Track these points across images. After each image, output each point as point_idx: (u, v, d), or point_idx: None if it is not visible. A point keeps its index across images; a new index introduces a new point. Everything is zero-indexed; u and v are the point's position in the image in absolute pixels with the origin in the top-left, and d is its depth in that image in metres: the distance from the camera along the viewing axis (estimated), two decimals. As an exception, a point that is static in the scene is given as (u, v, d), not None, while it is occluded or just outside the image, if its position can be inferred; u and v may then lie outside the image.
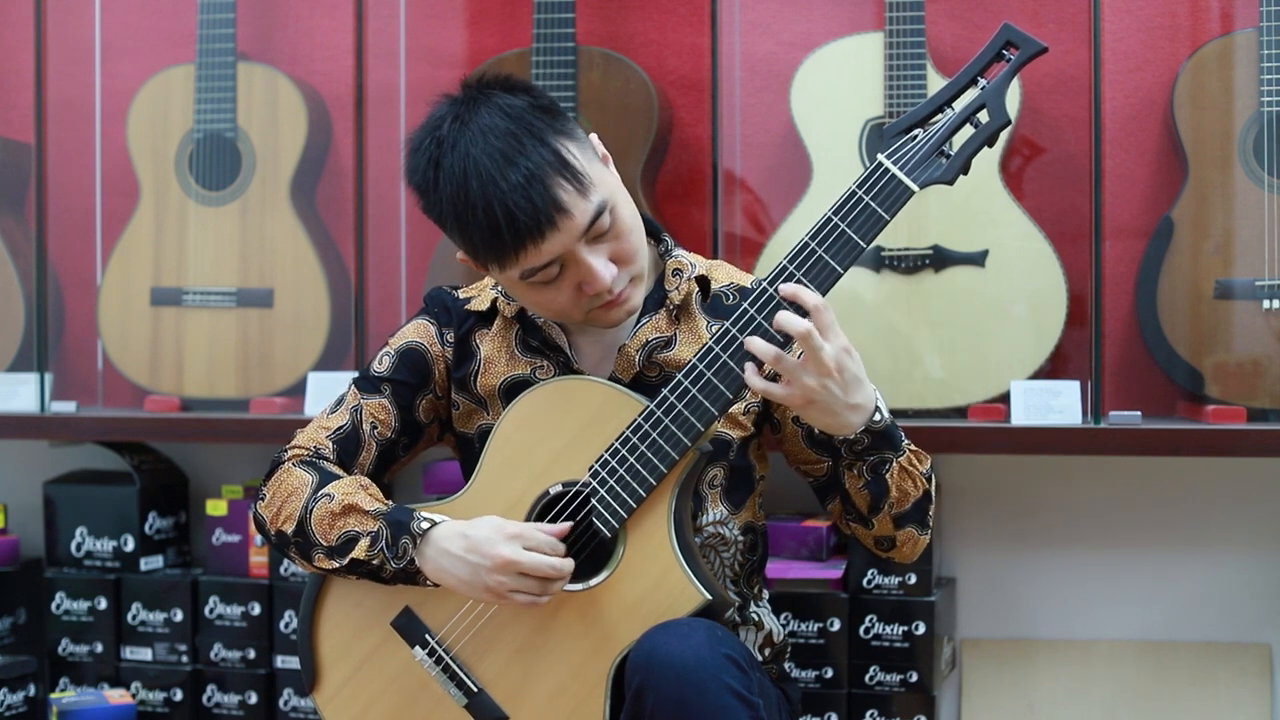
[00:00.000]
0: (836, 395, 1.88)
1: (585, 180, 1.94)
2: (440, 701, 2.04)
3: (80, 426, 2.95)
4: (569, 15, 2.74)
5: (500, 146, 1.91)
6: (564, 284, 1.98)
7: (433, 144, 1.96)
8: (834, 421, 1.92)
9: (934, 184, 1.91)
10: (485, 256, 1.97)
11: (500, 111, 1.94)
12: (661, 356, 2.08)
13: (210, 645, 2.89)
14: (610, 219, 1.96)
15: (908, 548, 2.07)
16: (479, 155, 1.91)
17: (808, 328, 1.83)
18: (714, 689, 1.81)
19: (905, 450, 2.00)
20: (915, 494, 2.02)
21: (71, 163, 3.10)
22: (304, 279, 2.92)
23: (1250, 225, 2.59)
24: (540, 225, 1.91)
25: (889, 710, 2.66)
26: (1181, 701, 2.75)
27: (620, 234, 1.99)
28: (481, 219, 1.92)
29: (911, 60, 2.66)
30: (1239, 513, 2.78)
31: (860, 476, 2.00)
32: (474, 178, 1.91)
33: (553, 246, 1.93)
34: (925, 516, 2.05)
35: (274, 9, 3.08)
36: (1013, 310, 2.66)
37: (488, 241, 1.94)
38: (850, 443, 1.96)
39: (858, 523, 2.07)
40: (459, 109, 1.97)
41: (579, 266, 1.96)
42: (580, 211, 1.93)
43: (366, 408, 2.15)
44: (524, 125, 1.93)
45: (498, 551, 1.92)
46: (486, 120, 1.93)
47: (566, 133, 1.96)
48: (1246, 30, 2.61)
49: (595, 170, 1.97)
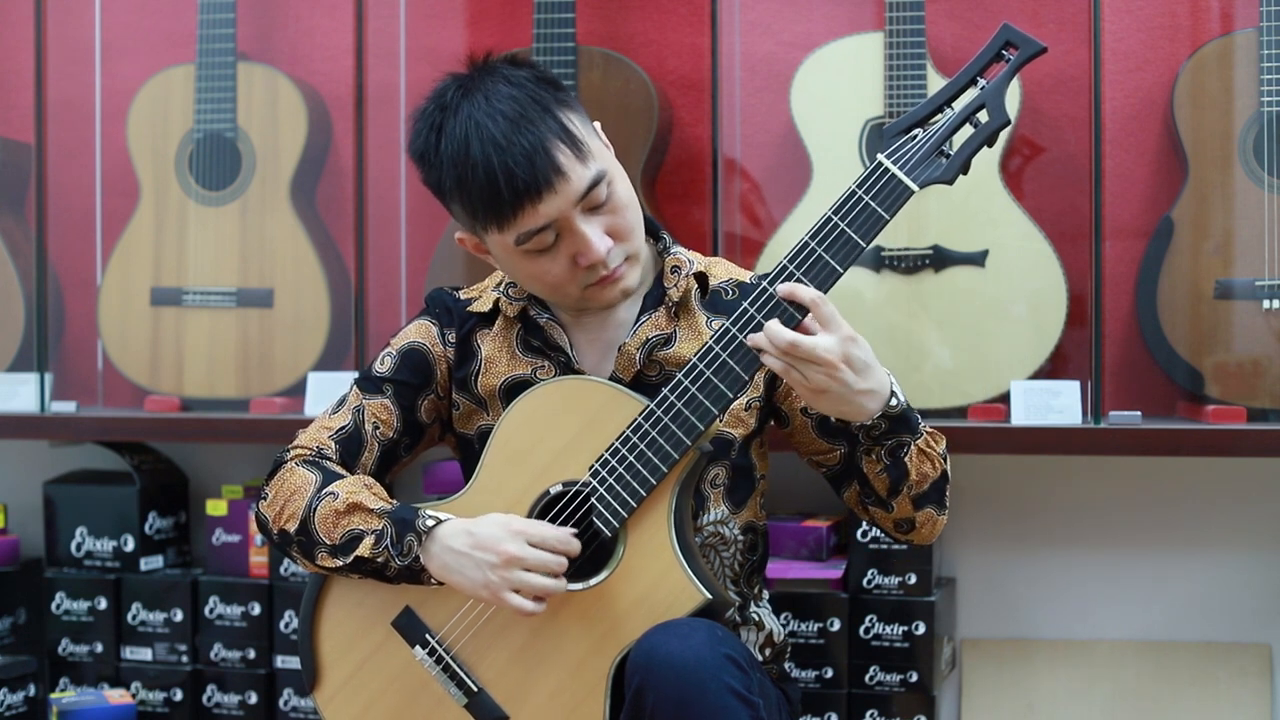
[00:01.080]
0: (848, 384, 1.89)
1: (584, 149, 1.98)
2: (440, 701, 2.04)
3: (80, 426, 2.95)
4: (569, 15, 2.75)
5: (504, 109, 1.96)
6: (559, 254, 2.00)
7: (436, 110, 2.01)
8: (849, 409, 1.92)
9: (934, 184, 1.91)
10: (484, 217, 1.99)
11: (504, 80, 1.99)
12: (662, 354, 2.08)
13: (210, 645, 2.89)
14: (607, 191, 2.00)
15: (927, 529, 2.08)
16: (482, 118, 1.95)
17: (791, 339, 1.85)
18: (714, 689, 1.81)
19: (922, 432, 2.01)
20: (934, 475, 2.03)
21: (71, 163, 3.10)
22: (304, 279, 2.92)
23: (1250, 225, 2.59)
24: (538, 185, 1.94)
25: (889, 710, 2.66)
26: (1181, 701, 2.75)
27: (616, 208, 2.02)
28: (481, 177, 1.95)
29: (911, 60, 2.66)
30: (1239, 513, 2.78)
31: (879, 461, 2.00)
32: (475, 139, 1.95)
33: (549, 209, 1.96)
34: (943, 497, 2.07)
35: (274, 9, 3.08)
36: (1013, 310, 2.66)
37: (486, 201, 1.97)
38: (868, 429, 1.96)
39: (877, 506, 2.07)
40: (464, 80, 2.02)
41: (574, 236, 1.98)
42: (578, 177, 1.96)
43: (369, 408, 2.15)
44: (528, 93, 1.98)
45: (503, 548, 1.92)
46: (491, 87, 1.98)
47: (569, 104, 2.01)
48: (1246, 30, 2.62)
49: (595, 143, 2.02)
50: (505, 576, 1.92)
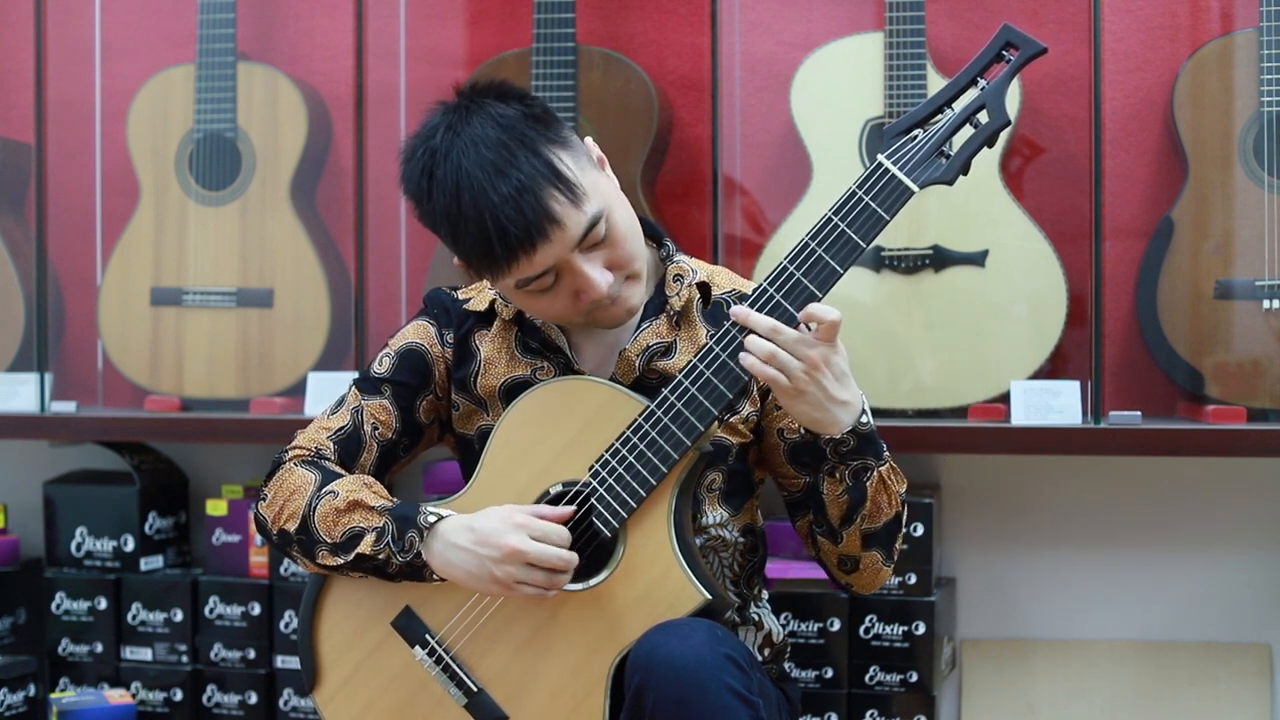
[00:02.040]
0: (827, 389, 1.89)
1: (579, 191, 1.93)
2: (440, 701, 2.04)
3: (80, 426, 2.95)
4: (569, 15, 2.75)
5: (491, 158, 1.91)
6: (560, 292, 1.99)
7: (425, 154, 1.96)
8: (823, 417, 1.92)
9: (934, 184, 1.91)
10: (479, 267, 1.98)
11: (492, 121, 1.94)
12: (661, 364, 2.08)
13: (210, 645, 2.89)
14: (605, 227, 1.97)
15: (869, 575, 2.07)
16: (470, 167, 1.91)
17: (772, 325, 1.87)
18: (714, 689, 1.81)
19: (887, 462, 2.00)
20: (888, 512, 2.01)
21: (71, 163, 3.10)
22: (304, 279, 2.92)
23: (1250, 225, 2.59)
24: (532, 237, 1.91)
25: (889, 710, 2.66)
26: (1181, 701, 2.75)
27: (616, 241, 1.99)
28: (474, 230, 1.92)
29: (911, 60, 2.66)
30: (1239, 513, 2.78)
31: (841, 481, 1.99)
32: (466, 190, 1.91)
33: (545, 257, 1.93)
34: (892, 545, 2.05)
35: (274, 9, 3.08)
36: (1013, 310, 2.66)
37: (480, 253, 1.94)
38: (836, 443, 1.96)
39: (826, 536, 2.05)
40: (451, 118, 1.97)
41: (574, 275, 1.96)
42: (574, 223, 1.93)
43: (367, 409, 2.15)
44: (515, 135, 1.93)
45: (505, 542, 1.92)
46: (478, 130, 1.93)
47: (559, 141, 1.96)
48: (1246, 30, 2.62)
49: (589, 179, 1.97)
50: (509, 571, 1.93)
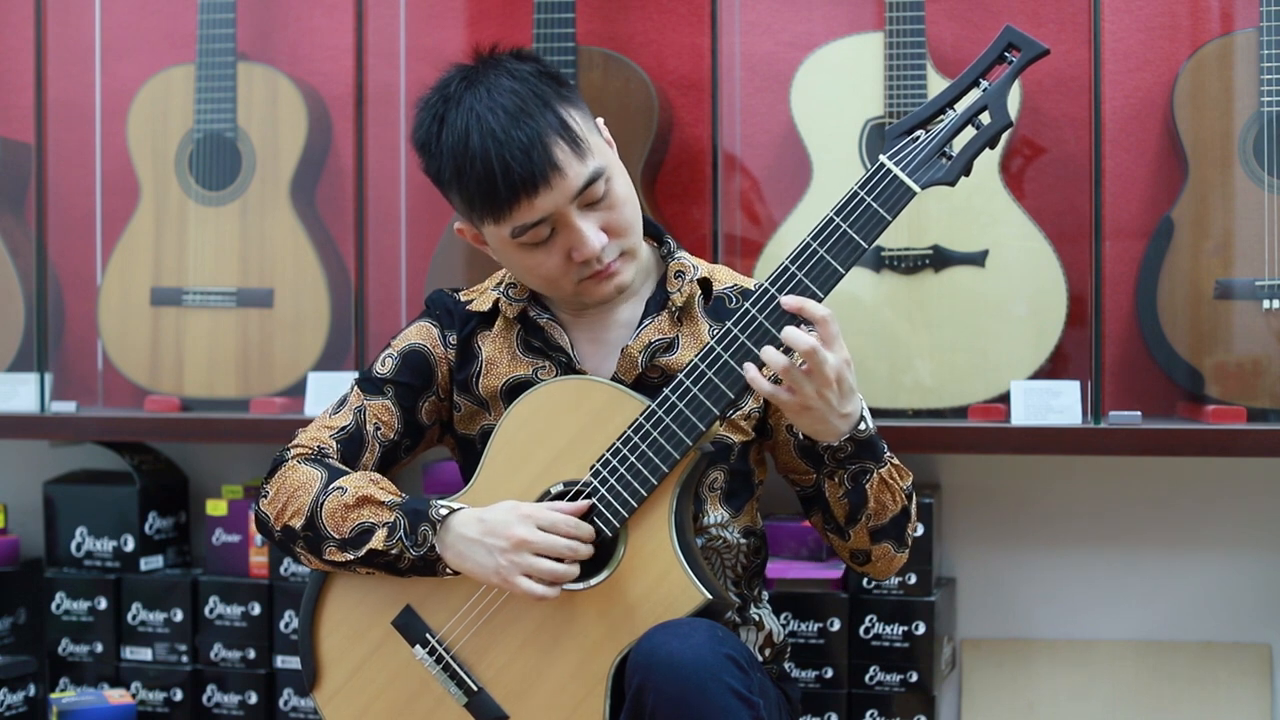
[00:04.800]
0: (832, 405, 1.90)
1: (583, 145, 1.99)
2: (440, 701, 2.04)
3: (80, 426, 2.95)
4: (569, 15, 2.75)
5: (505, 103, 1.97)
6: (554, 248, 2.01)
7: (439, 100, 2.02)
8: (823, 428, 1.93)
9: (936, 185, 1.92)
10: (480, 209, 2.00)
11: (508, 74, 2.00)
12: (664, 360, 2.08)
13: (210, 645, 2.89)
14: (605, 187, 2.01)
15: (882, 563, 2.09)
16: (483, 110, 1.97)
17: (813, 345, 1.85)
18: (714, 689, 1.81)
19: (887, 463, 2.01)
20: (894, 509, 2.02)
21: (71, 163, 3.10)
22: (304, 279, 2.92)
23: (1250, 225, 2.59)
24: (534, 180, 1.95)
25: (889, 710, 2.66)
26: (1181, 701, 2.75)
27: (614, 204, 2.02)
28: (479, 169, 1.96)
29: (911, 60, 2.66)
30: (1239, 513, 2.78)
31: (841, 485, 2.00)
32: (475, 131, 1.96)
33: (545, 204, 1.96)
34: (903, 534, 2.06)
35: (274, 9, 3.08)
36: (1013, 310, 2.66)
37: (483, 193, 1.97)
38: (834, 449, 1.97)
39: (835, 534, 2.08)
40: (468, 72, 2.03)
41: (569, 230, 1.99)
42: (575, 173, 1.97)
43: (370, 409, 2.15)
44: (531, 88, 1.99)
45: (513, 531, 1.93)
46: (494, 80, 2.00)
47: (571, 100, 2.02)
48: (1246, 30, 2.62)
49: (595, 140, 2.03)
50: (515, 561, 1.93)
